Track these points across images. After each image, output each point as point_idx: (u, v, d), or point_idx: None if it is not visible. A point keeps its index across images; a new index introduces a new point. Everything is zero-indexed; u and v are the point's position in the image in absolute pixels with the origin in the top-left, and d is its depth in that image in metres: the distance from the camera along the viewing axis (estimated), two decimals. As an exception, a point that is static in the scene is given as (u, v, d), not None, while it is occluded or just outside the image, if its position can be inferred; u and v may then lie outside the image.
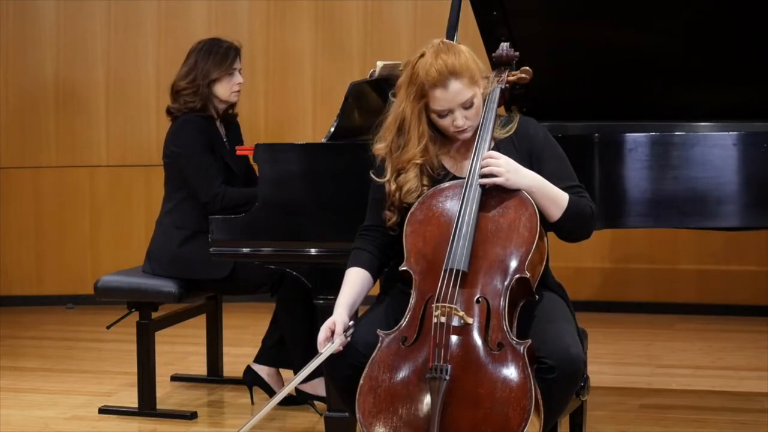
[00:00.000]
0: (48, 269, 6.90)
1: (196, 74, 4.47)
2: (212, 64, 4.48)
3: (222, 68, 4.49)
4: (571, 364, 2.86)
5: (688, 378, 4.93)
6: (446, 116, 3.05)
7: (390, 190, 3.10)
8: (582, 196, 3.08)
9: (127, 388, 4.74)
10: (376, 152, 3.15)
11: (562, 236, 3.10)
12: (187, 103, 4.47)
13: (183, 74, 4.51)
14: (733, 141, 3.55)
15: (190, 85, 4.47)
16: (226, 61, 4.50)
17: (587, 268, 6.37)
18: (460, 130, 3.05)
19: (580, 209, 3.06)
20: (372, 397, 2.85)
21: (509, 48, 3.24)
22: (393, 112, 3.11)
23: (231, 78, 4.51)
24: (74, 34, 6.81)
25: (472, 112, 3.05)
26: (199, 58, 4.50)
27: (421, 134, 3.07)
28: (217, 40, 4.59)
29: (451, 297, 2.87)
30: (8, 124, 6.83)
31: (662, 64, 4.02)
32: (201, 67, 4.48)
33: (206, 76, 4.47)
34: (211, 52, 4.51)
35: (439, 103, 3.02)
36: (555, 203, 3.02)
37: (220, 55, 4.50)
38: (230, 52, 4.53)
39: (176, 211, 4.46)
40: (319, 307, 3.67)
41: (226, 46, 4.54)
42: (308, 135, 6.44)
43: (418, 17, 6.55)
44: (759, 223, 3.66)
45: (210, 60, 4.49)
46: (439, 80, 2.99)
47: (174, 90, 4.53)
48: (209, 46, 4.53)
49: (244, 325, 5.90)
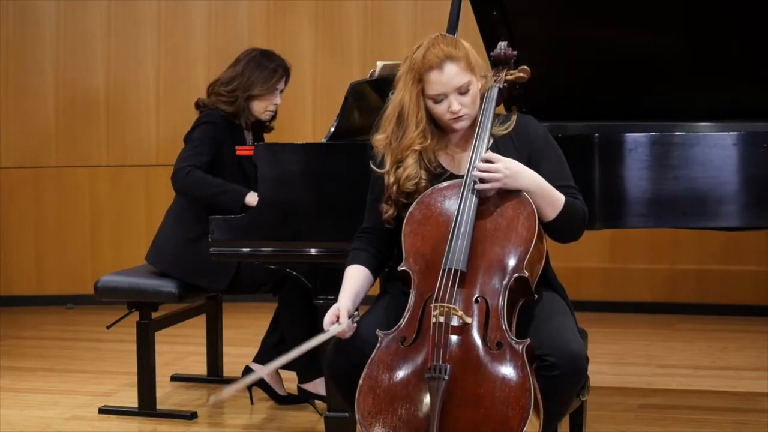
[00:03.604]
0: (48, 269, 6.90)
1: (238, 84, 4.42)
2: (257, 79, 4.43)
3: (265, 86, 4.44)
4: (573, 360, 2.86)
5: (688, 378, 4.93)
6: (441, 101, 3.05)
7: (388, 183, 3.10)
8: (576, 199, 3.09)
9: (127, 388, 4.74)
10: (376, 143, 3.16)
11: (553, 236, 3.11)
12: (219, 105, 4.44)
13: (226, 80, 4.45)
14: (733, 141, 3.55)
15: (228, 93, 4.43)
16: (270, 80, 4.45)
17: (587, 268, 6.37)
18: (456, 116, 3.05)
19: (574, 211, 3.06)
20: (371, 397, 2.85)
21: (507, 47, 3.24)
22: (392, 104, 3.13)
23: (270, 97, 4.47)
24: (74, 34, 6.82)
25: (468, 99, 3.05)
26: (247, 68, 4.44)
27: (419, 120, 3.07)
28: (269, 53, 4.52)
29: (450, 297, 2.87)
30: (8, 124, 6.83)
31: (662, 64, 4.02)
32: (245, 79, 4.42)
33: (247, 89, 4.43)
34: (259, 65, 4.45)
35: (434, 87, 3.03)
36: (551, 204, 3.02)
37: (268, 71, 4.45)
38: (278, 70, 4.47)
39: (188, 210, 4.44)
40: (320, 307, 3.67)
41: (275, 65, 4.48)
42: (308, 135, 6.45)
43: (418, 17, 6.55)
44: (759, 223, 3.66)
45: (256, 74, 4.43)
46: (435, 63, 3.01)
47: (212, 89, 4.48)
48: (260, 58, 4.48)
49: (244, 325, 5.90)
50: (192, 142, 4.42)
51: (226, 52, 6.71)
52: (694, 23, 3.91)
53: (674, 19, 3.92)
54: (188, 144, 4.43)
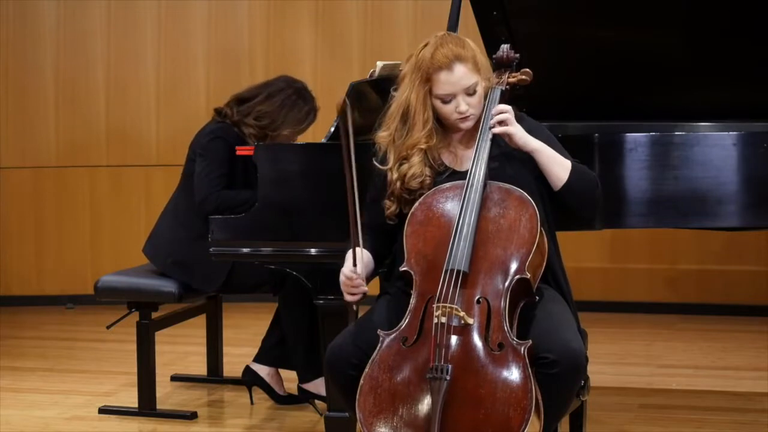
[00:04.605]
0: (48, 269, 6.90)
1: (271, 123, 4.41)
2: (289, 121, 4.43)
3: (296, 129, 4.47)
4: (572, 358, 2.86)
5: (688, 378, 4.93)
6: (449, 102, 3.07)
7: (391, 179, 3.11)
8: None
9: (127, 388, 4.74)
10: (379, 140, 3.16)
11: (571, 204, 3.11)
12: (248, 137, 4.40)
13: (261, 113, 4.41)
14: (733, 141, 3.55)
15: (259, 129, 4.41)
16: (302, 124, 4.47)
17: (587, 268, 6.37)
18: (463, 117, 3.07)
19: (584, 172, 3.12)
20: (372, 397, 2.85)
21: (510, 50, 3.24)
22: (396, 101, 3.14)
23: (294, 136, 4.50)
24: (74, 34, 6.82)
25: (475, 100, 3.07)
26: (282, 108, 4.43)
27: (426, 119, 3.09)
28: (304, 92, 4.50)
29: (452, 297, 2.87)
30: (8, 124, 6.83)
31: (662, 63, 4.02)
32: (280, 117, 4.41)
33: (278, 128, 4.43)
34: (294, 106, 4.44)
35: (443, 87, 3.04)
36: (560, 165, 3.07)
37: (302, 114, 4.46)
38: (311, 114, 4.49)
39: (188, 210, 4.43)
40: (320, 307, 3.67)
41: (309, 107, 4.48)
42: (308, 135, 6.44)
43: (418, 17, 6.55)
44: (759, 223, 3.66)
45: (290, 115, 4.43)
46: (445, 63, 3.03)
47: (241, 114, 4.42)
48: (296, 99, 4.46)
49: (244, 325, 5.90)
50: (208, 158, 4.38)
51: (226, 52, 6.74)
52: (694, 23, 3.91)
53: (674, 19, 3.92)
54: (205, 160, 4.38)
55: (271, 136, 4.44)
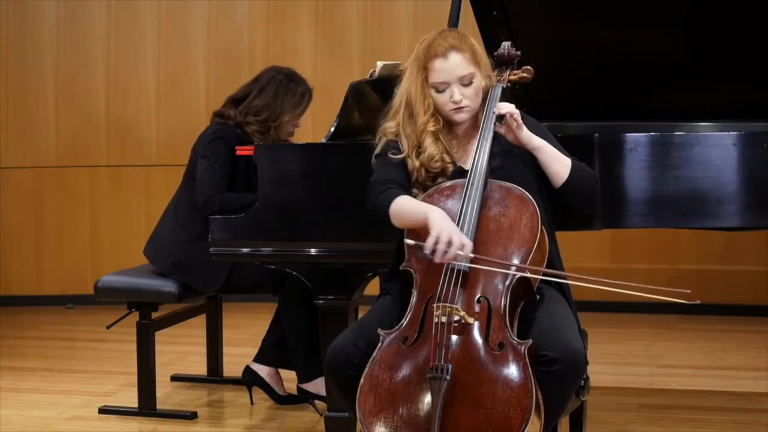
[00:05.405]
0: (48, 269, 6.90)
1: (269, 115, 4.41)
2: (286, 106, 4.43)
3: (294, 113, 4.46)
4: (572, 355, 2.85)
5: (688, 378, 4.93)
6: (443, 91, 3.07)
7: (414, 167, 3.10)
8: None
9: (127, 388, 4.74)
10: (387, 131, 3.16)
11: (572, 201, 3.12)
12: (254, 136, 4.40)
13: (259, 107, 4.41)
14: (733, 141, 3.55)
15: (261, 124, 4.41)
16: (299, 106, 4.46)
17: (587, 268, 6.35)
18: (457, 107, 3.07)
19: (584, 169, 3.13)
20: (372, 397, 2.85)
21: (511, 47, 3.25)
22: (399, 94, 3.14)
23: (295, 121, 4.49)
24: (74, 34, 6.82)
25: (471, 91, 3.07)
26: (276, 96, 4.42)
27: (427, 106, 3.09)
28: (293, 76, 4.49)
29: (452, 296, 2.87)
30: (8, 124, 6.83)
31: (662, 64, 4.02)
32: (277, 106, 4.41)
33: (278, 117, 4.42)
34: (287, 91, 4.44)
35: (437, 74, 3.05)
36: (561, 162, 3.08)
37: (297, 97, 4.45)
38: (305, 95, 4.48)
39: (188, 210, 4.43)
40: (320, 307, 3.67)
41: (302, 89, 4.47)
42: (308, 135, 6.45)
43: (418, 17, 6.56)
44: (759, 223, 3.66)
45: (285, 100, 4.42)
46: (441, 51, 3.05)
47: (240, 114, 4.42)
48: (287, 83, 4.45)
49: (244, 325, 5.90)
50: (210, 159, 4.37)
51: (226, 52, 6.75)
52: (695, 23, 3.91)
53: (674, 19, 3.92)
54: (207, 161, 4.37)
55: (274, 127, 4.43)
